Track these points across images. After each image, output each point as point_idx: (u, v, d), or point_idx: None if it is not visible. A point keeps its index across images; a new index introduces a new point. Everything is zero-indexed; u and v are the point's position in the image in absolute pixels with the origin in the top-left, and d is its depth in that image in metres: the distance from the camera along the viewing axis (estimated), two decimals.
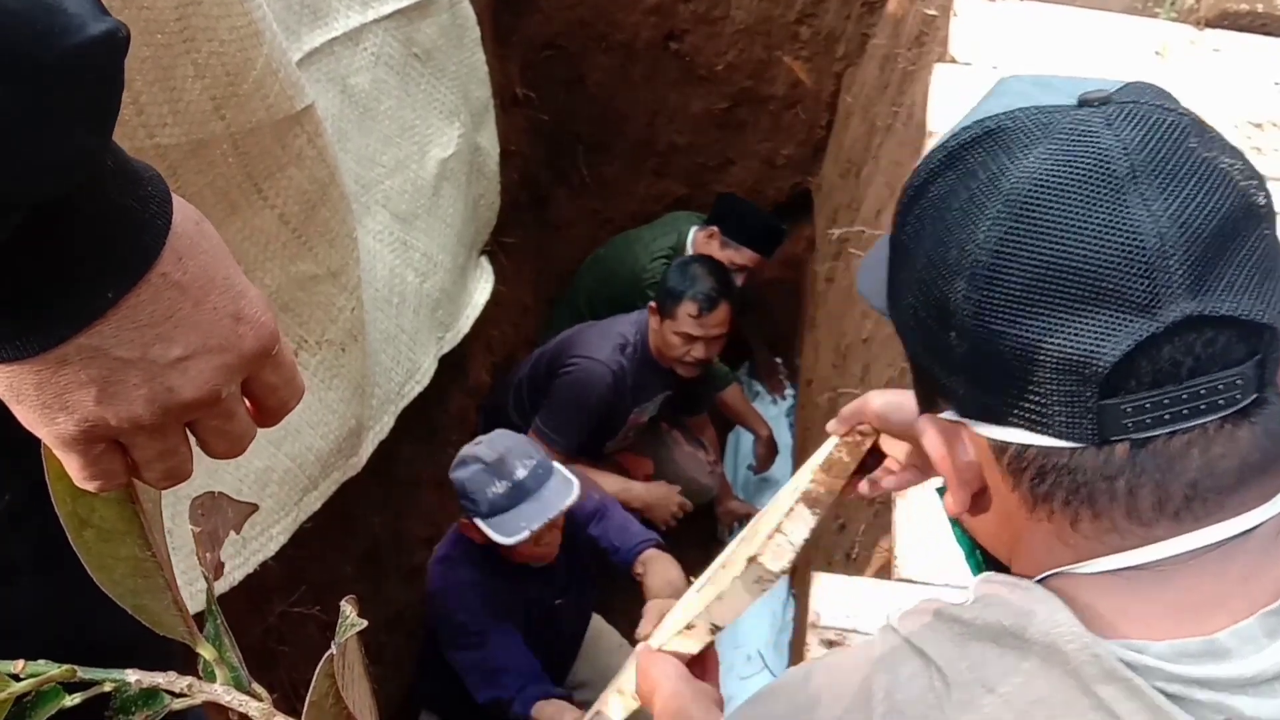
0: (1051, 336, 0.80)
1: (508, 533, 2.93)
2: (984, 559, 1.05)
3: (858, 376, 3.11)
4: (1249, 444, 0.81)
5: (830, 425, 1.37)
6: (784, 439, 4.99)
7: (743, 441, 5.08)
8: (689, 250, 4.71)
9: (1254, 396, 0.81)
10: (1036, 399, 0.82)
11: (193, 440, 0.78)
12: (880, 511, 2.74)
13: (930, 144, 0.94)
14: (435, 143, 3.45)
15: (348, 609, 0.64)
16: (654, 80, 5.08)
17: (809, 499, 1.28)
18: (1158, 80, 0.92)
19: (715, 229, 4.66)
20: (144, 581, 0.76)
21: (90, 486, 0.73)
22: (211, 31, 1.92)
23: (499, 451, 3.00)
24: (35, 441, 0.73)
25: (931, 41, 3.34)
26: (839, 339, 3.63)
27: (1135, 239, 0.79)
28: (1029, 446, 0.85)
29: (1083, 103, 0.85)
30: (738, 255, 4.60)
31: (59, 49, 0.59)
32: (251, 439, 0.79)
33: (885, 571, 2.10)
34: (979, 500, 0.93)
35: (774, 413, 5.22)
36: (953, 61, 3.04)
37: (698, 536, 4.39)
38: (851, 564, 2.73)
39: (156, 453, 0.74)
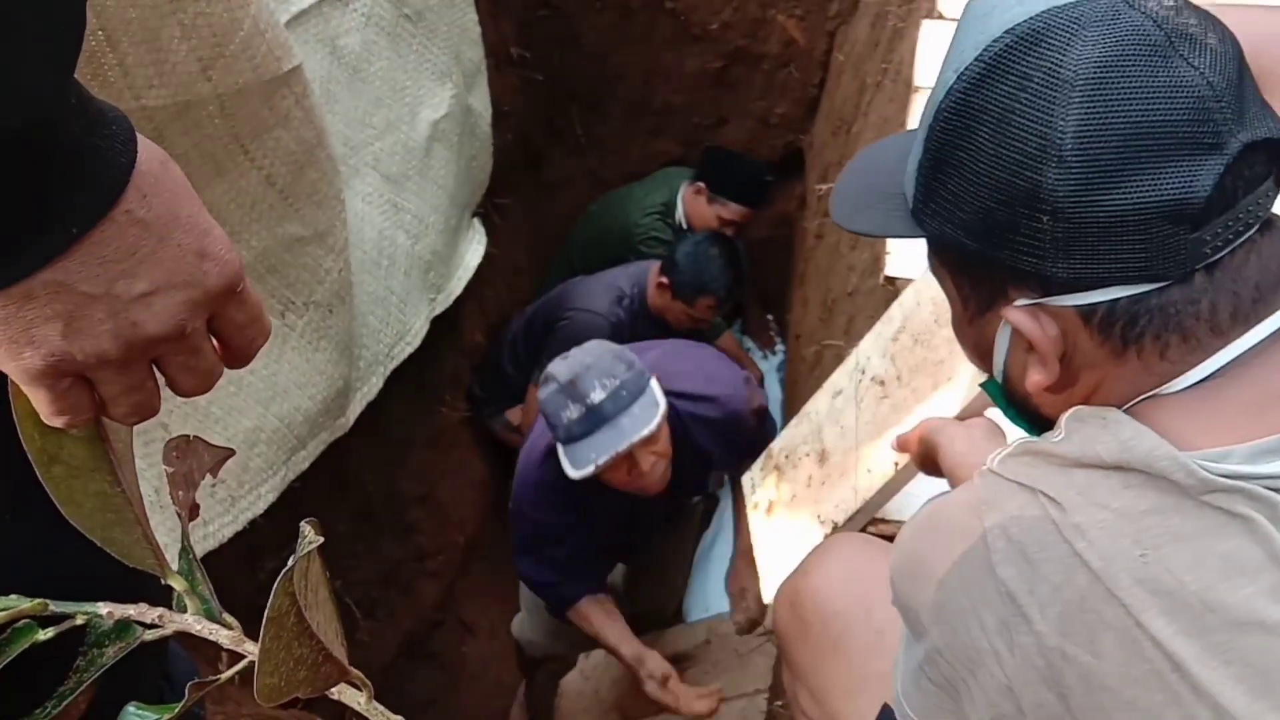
0: (1146, 192, 0.92)
1: (578, 465, 2.59)
2: (1030, 425, 1.16)
3: (843, 329, 3.12)
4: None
5: None
6: (774, 393, 5.02)
7: None
8: (679, 207, 4.72)
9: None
10: (1133, 252, 0.95)
11: (162, 381, 0.79)
12: None
13: (919, 96, 1.03)
14: (426, 104, 3.44)
15: (307, 529, 0.66)
16: (649, 39, 5.07)
17: None
18: None
19: (702, 185, 4.69)
20: (113, 516, 0.78)
21: (57, 422, 0.75)
22: None
23: (575, 370, 2.60)
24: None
25: None
26: (826, 293, 3.64)
27: (1193, 91, 0.92)
28: (1118, 300, 0.98)
29: None
30: (725, 211, 4.64)
31: None
32: (219, 376, 0.81)
33: None
34: (1062, 367, 1.05)
35: (765, 368, 5.25)
36: (941, 18, 3.04)
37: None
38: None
39: (123, 388, 0.75)
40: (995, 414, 1.36)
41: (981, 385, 1.21)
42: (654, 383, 2.70)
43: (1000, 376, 1.14)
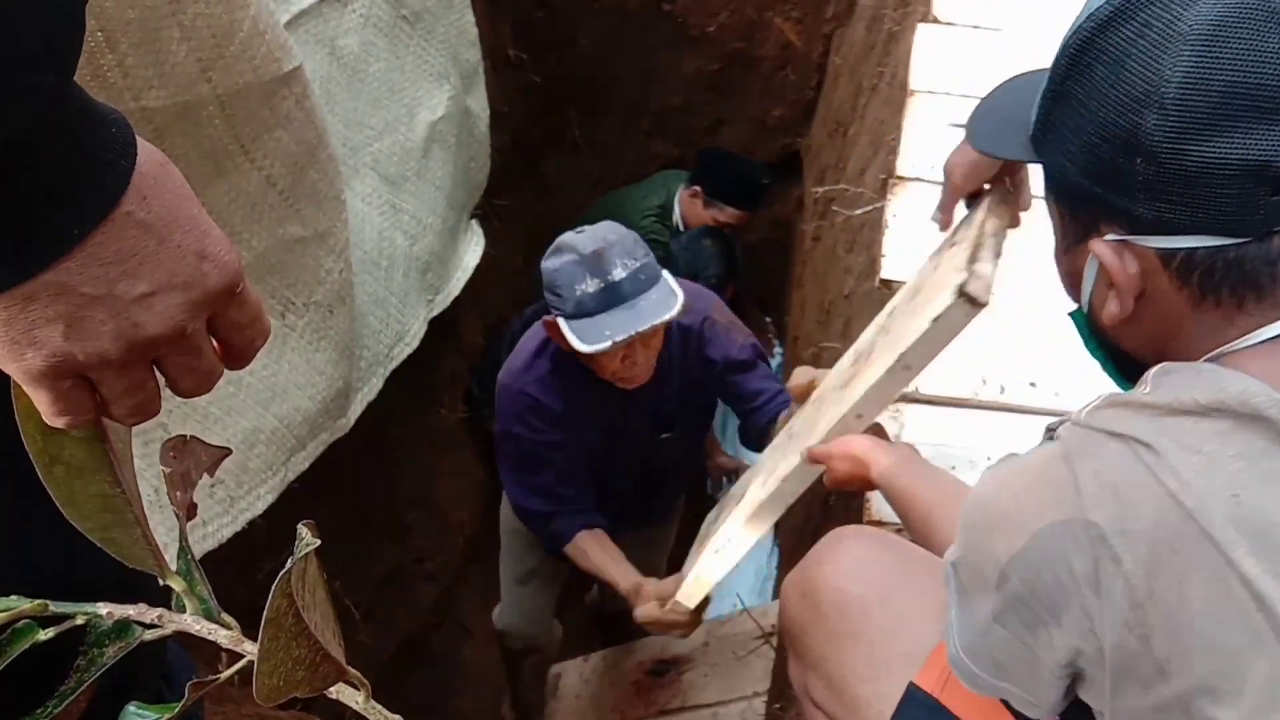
0: (1236, 150, 0.98)
1: (589, 339, 2.48)
2: (1118, 370, 1.23)
3: (840, 331, 3.12)
4: None
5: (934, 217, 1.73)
6: None
7: None
8: (676, 209, 4.71)
9: None
10: (1214, 206, 1.01)
11: (163, 381, 0.80)
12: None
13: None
14: (424, 105, 3.45)
15: (304, 531, 0.66)
16: (646, 41, 5.08)
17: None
18: None
19: (698, 188, 4.63)
20: (113, 516, 0.79)
21: (59, 422, 0.75)
22: None
23: (598, 244, 2.52)
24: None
25: (916, 1, 3.34)
26: (823, 295, 3.65)
27: None
28: (1198, 249, 1.04)
29: None
30: (721, 214, 4.61)
31: None
32: (219, 377, 0.81)
33: (858, 517, 2.13)
34: (1136, 307, 1.11)
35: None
36: (936, 21, 3.05)
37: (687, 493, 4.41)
38: (829, 510, 2.76)
39: (124, 388, 0.76)
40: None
41: (1070, 314, 1.26)
42: (668, 274, 2.64)
43: (1086, 307, 1.20)
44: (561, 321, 2.53)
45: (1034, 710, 1.20)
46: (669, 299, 2.54)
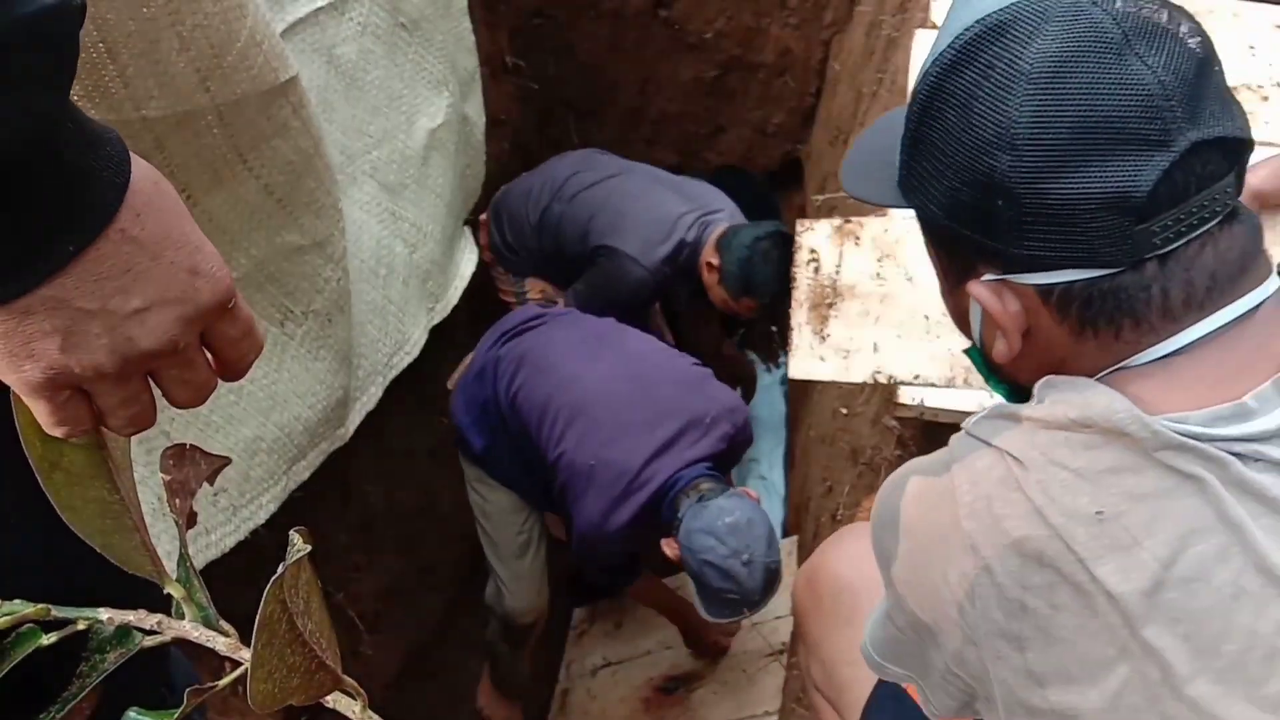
0: (1092, 182, 0.97)
1: (715, 615, 2.89)
2: (1018, 400, 1.20)
3: None
4: (1243, 236, 1.01)
5: None
6: (778, 407, 5.03)
7: None
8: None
9: (1235, 201, 1.01)
10: (1082, 240, 1.00)
11: (159, 393, 0.81)
12: (864, 473, 2.78)
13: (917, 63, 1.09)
14: (423, 113, 3.45)
15: (295, 537, 0.67)
16: (644, 48, 5.08)
17: None
18: None
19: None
20: (112, 522, 0.80)
21: (58, 432, 0.77)
22: (196, 5, 1.94)
23: (759, 596, 2.82)
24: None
25: (914, 7, 3.34)
26: None
27: (1143, 89, 0.96)
28: (1075, 282, 1.03)
29: None
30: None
31: (12, 17, 0.63)
32: (212, 389, 0.83)
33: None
34: (1024, 342, 1.10)
35: (768, 380, 5.26)
36: (934, 27, 3.05)
37: None
38: (837, 525, 2.77)
39: (119, 400, 0.78)
40: None
41: (965, 351, 1.26)
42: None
43: (978, 344, 1.20)
44: (697, 586, 2.84)
45: (931, 711, 1.23)
46: (778, 588, 2.85)
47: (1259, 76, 2.37)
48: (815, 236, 2.23)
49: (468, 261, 3.80)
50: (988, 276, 1.09)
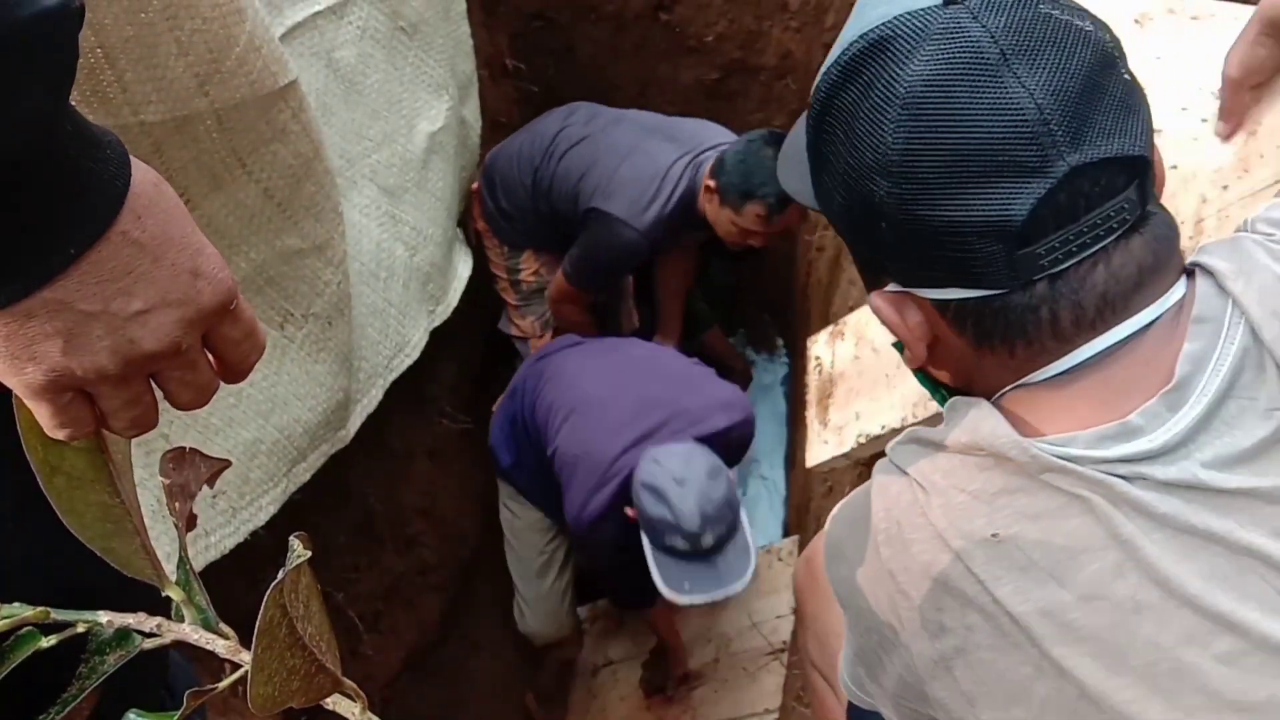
0: (966, 211, 0.95)
1: (668, 582, 2.81)
2: (946, 394, 1.19)
3: None
4: (1142, 250, 0.98)
5: (1219, 130, 1.44)
6: (779, 407, 5.03)
7: None
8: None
9: (1139, 213, 0.97)
10: (964, 262, 0.97)
11: (161, 395, 0.82)
12: (864, 474, 2.78)
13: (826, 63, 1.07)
14: (423, 116, 3.46)
15: (295, 543, 0.67)
16: (644, 51, 5.08)
17: None
18: (1136, 48, 1.06)
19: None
20: (113, 526, 0.81)
21: (60, 435, 0.77)
22: (194, 9, 1.95)
23: (698, 521, 2.76)
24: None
25: None
26: (827, 306, 3.65)
27: (1018, 114, 0.93)
28: (966, 300, 1.01)
29: (948, 1, 0.97)
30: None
31: (11, 19, 0.63)
32: (215, 390, 0.83)
33: None
34: (934, 350, 1.11)
35: (769, 380, 5.26)
36: None
37: None
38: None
39: (122, 402, 0.78)
40: None
41: (893, 344, 1.25)
42: (746, 523, 2.91)
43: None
44: (646, 543, 2.83)
45: None
46: (744, 560, 2.83)
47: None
48: (817, 345, 2.37)
49: (464, 264, 3.80)
50: (890, 287, 1.09)
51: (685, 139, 3.73)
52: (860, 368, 2.20)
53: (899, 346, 1.21)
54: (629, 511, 2.91)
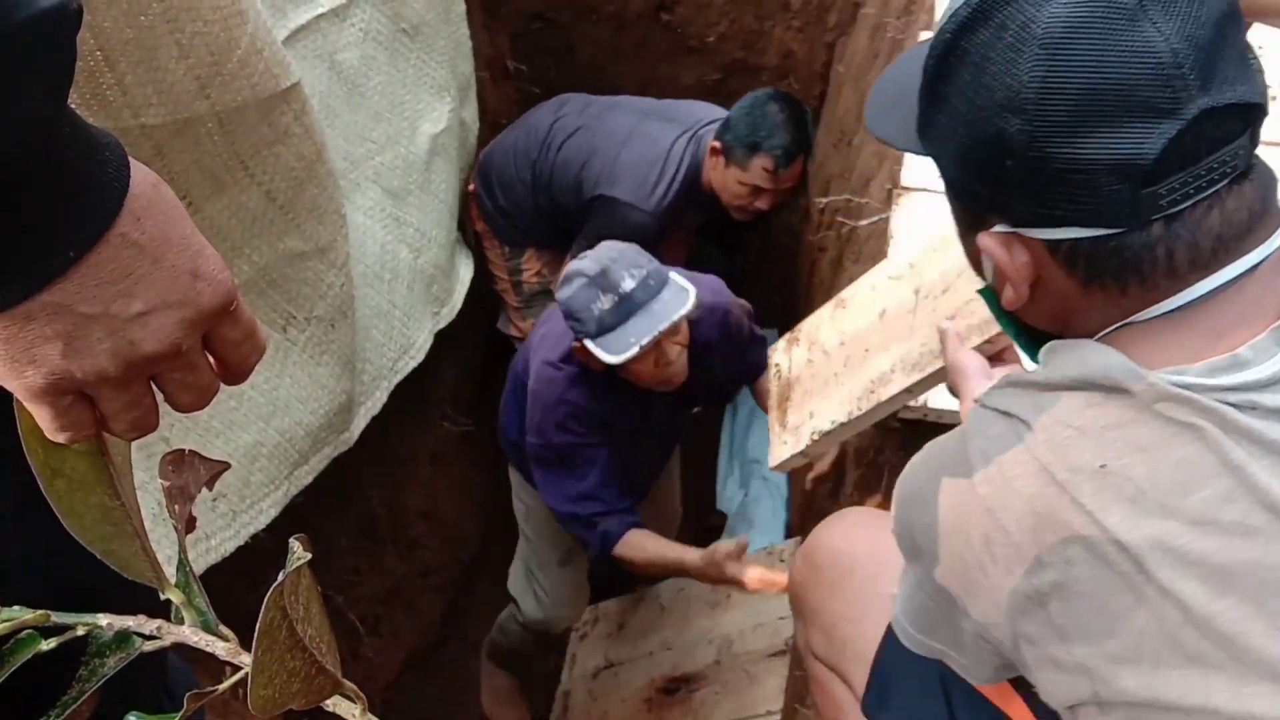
0: (1098, 149, 0.99)
1: (615, 350, 2.62)
2: (1030, 343, 1.25)
3: None
4: (1252, 195, 1.03)
5: None
6: None
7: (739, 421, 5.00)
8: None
9: (1249, 160, 1.03)
10: (1088, 201, 1.02)
11: (161, 398, 0.82)
12: (866, 475, 2.78)
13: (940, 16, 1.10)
14: (426, 118, 3.47)
15: (295, 545, 0.67)
16: (645, 52, 5.08)
17: None
18: None
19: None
20: (113, 528, 0.80)
21: (60, 438, 0.77)
22: (194, 12, 1.95)
23: (602, 263, 2.64)
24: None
25: (919, 10, 3.34)
26: None
27: (1154, 57, 0.97)
28: (1081, 239, 1.05)
29: None
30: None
31: (9, 21, 0.63)
32: (215, 392, 0.83)
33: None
34: (1033, 292, 1.14)
35: None
36: None
37: None
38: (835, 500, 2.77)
39: (122, 404, 0.78)
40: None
41: (979, 291, 1.30)
42: (675, 273, 2.76)
43: (991, 288, 1.24)
44: (588, 343, 2.65)
45: (970, 676, 1.26)
46: (681, 295, 2.67)
47: (1267, 77, 2.38)
48: (776, 353, 2.45)
49: (466, 266, 3.80)
50: (998, 228, 1.12)
51: (682, 118, 3.75)
52: (813, 370, 2.27)
53: (986, 293, 1.26)
54: (574, 348, 2.79)
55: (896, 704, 1.50)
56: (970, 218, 1.18)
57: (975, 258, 1.21)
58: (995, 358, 1.80)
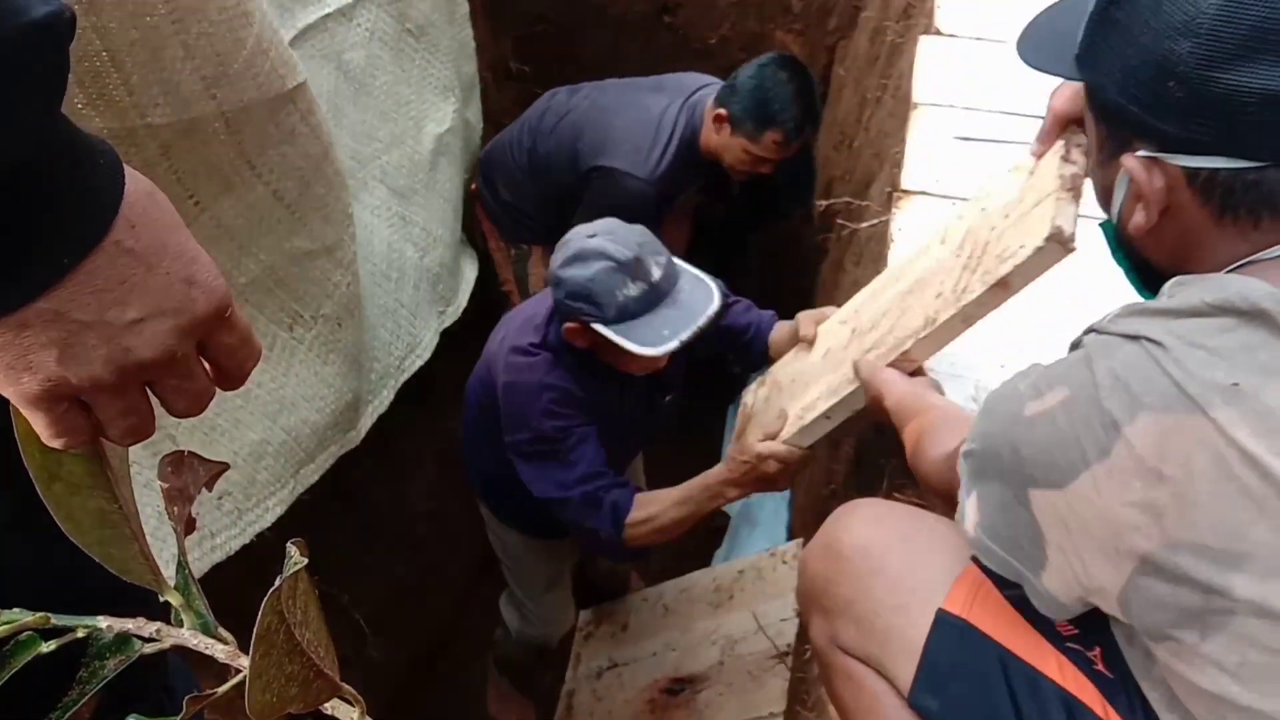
0: (1261, 80, 1.05)
1: (649, 342, 2.44)
2: (1141, 280, 1.32)
3: None
4: None
5: (1034, 149, 1.78)
6: None
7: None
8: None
9: None
10: (1239, 130, 1.09)
11: (157, 403, 0.82)
12: (867, 475, 2.78)
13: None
14: (431, 118, 3.47)
15: (293, 550, 0.68)
16: (648, 54, 5.07)
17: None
18: None
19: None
20: (111, 532, 0.81)
21: (56, 443, 0.77)
22: (200, 13, 1.95)
23: (631, 249, 2.46)
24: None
25: (918, 14, 3.34)
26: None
27: None
28: (1221, 169, 1.12)
29: None
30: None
31: (1, 32, 0.63)
32: (211, 397, 0.83)
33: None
34: (1162, 218, 1.20)
35: None
36: (938, 33, 3.05)
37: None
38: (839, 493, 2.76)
39: (118, 411, 0.78)
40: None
41: (1100, 225, 1.36)
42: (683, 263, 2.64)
43: (1115, 219, 1.30)
44: (602, 328, 2.48)
45: (1044, 605, 1.28)
46: (704, 288, 2.52)
47: None
48: (748, 392, 2.73)
49: (470, 265, 3.80)
50: (1141, 153, 1.18)
51: (672, 87, 3.72)
52: (767, 405, 2.54)
53: (1107, 226, 1.32)
54: (568, 329, 2.60)
55: (954, 691, 1.48)
56: (1115, 143, 1.24)
57: (1107, 186, 1.28)
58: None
